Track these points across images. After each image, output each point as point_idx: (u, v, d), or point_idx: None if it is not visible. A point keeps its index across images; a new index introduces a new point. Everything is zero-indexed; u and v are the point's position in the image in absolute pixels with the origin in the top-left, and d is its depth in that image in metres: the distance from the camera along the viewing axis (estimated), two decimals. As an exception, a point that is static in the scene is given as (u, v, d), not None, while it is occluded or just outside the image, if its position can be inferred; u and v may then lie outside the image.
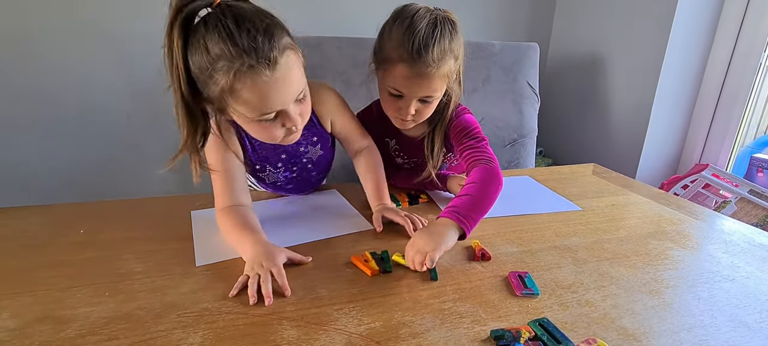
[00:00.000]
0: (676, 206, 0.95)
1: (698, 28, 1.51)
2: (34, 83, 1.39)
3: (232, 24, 0.57)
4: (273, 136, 0.68)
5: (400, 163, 0.98)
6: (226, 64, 0.57)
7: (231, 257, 0.67)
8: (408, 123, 0.82)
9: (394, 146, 0.93)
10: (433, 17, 0.73)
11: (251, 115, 0.63)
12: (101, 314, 0.53)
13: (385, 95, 0.80)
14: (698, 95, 1.61)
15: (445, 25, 0.73)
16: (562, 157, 1.97)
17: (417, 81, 0.74)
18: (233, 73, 0.58)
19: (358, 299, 0.58)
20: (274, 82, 0.60)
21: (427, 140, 0.88)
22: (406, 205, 0.89)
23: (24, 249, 0.68)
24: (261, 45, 0.57)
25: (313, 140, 0.83)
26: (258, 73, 0.58)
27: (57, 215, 0.80)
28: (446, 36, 0.73)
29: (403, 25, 0.72)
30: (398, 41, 0.72)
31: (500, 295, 0.60)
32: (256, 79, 0.59)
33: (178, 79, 0.61)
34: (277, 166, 0.83)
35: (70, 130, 1.47)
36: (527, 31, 1.96)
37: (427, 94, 0.76)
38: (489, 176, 0.75)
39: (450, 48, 0.73)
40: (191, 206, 0.85)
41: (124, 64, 1.46)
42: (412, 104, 0.77)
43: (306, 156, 0.84)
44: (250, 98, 0.60)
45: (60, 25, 1.36)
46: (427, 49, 0.71)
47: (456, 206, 0.70)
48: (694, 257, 0.73)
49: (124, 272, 0.63)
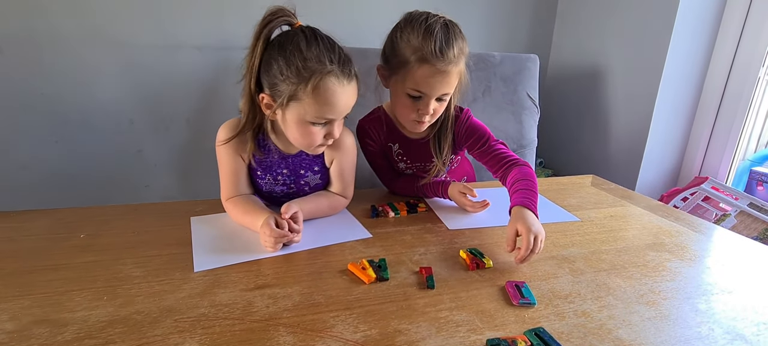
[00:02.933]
0: (674, 218, 0.95)
1: (697, 41, 1.52)
2: (37, 89, 1.40)
3: (324, 38, 0.71)
4: (313, 140, 0.75)
5: (402, 169, 0.98)
6: (318, 65, 0.68)
7: (230, 263, 0.67)
8: (424, 125, 0.85)
9: (397, 150, 0.94)
10: (443, 20, 0.78)
11: (311, 115, 0.71)
12: (99, 318, 0.54)
13: (402, 99, 0.82)
14: (698, 108, 1.61)
15: (454, 26, 0.79)
16: (562, 169, 1.98)
17: (439, 79, 0.78)
18: (323, 74, 0.68)
19: (355, 307, 0.58)
20: (344, 93, 0.71)
21: (434, 141, 0.92)
22: (404, 214, 0.89)
23: (24, 252, 0.69)
24: (347, 61, 0.71)
25: (314, 169, 0.87)
26: (341, 80, 0.70)
27: (58, 219, 0.81)
28: (460, 35, 0.79)
29: (421, 28, 0.77)
30: (417, 44, 0.76)
31: (497, 304, 0.60)
32: (336, 85, 0.70)
33: (250, 74, 0.72)
34: (276, 178, 0.85)
35: (73, 135, 1.48)
36: (528, 42, 1.98)
37: (446, 91, 0.80)
38: (533, 174, 0.84)
39: (463, 47, 0.79)
40: (191, 212, 0.85)
41: (127, 70, 1.48)
42: (431, 103, 0.80)
43: (304, 179, 0.87)
44: (324, 99, 0.70)
45: (65, 31, 1.38)
46: (448, 47, 0.76)
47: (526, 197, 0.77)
48: (693, 269, 0.73)
49: (123, 276, 0.63)
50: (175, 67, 1.52)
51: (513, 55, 1.56)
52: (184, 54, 1.52)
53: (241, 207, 0.80)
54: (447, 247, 0.76)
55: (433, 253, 0.74)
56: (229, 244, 0.74)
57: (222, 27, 1.53)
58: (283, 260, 0.70)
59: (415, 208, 0.91)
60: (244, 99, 0.76)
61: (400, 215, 0.89)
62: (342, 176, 0.87)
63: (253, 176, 0.85)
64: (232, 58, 1.57)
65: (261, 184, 0.86)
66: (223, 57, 1.56)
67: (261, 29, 0.71)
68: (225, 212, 0.83)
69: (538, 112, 1.59)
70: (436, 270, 0.68)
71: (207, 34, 1.52)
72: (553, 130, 1.99)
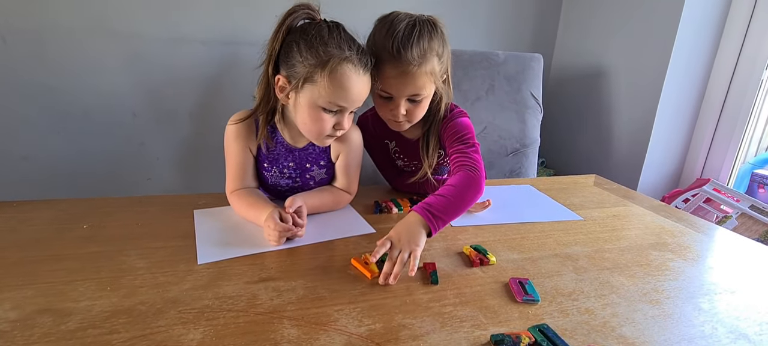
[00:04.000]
0: (677, 218, 0.95)
1: (701, 43, 1.52)
2: (40, 80, 1.40)
3: (346, 31, 0.73)
4: (323, 128, 0.75)
5: (401, 166, 0.98)
6: (337, 50, 0.69)
7: (233, 256, 0.67)
8: (402, 124, 0.84)
9: (394, 148, 0.94)
10: (413, 20, 0.76)
11: (324, 100, 0.71)
12: (102, 308, 0.54)
13: (377, 98, 0.82)
14: (700, 110, 1.61)
15: (425, 26, 0.76)
16: (564, 169, 1.98)
17: (402, 80, 0.76)
18: (341, 59, 0.69)
19: (359, 301, 0.58)
20: (359, 82, 0.72)
21: (422, 141, 0.90)
22: (408, 209, 0.89)
23: (28, 242, 0.69)
24: (365, 54, 0.73)
25: (320, 163, 0.87)
26: (357, 69, 0.71)
27: (62, 209, 0.81)
28: (425, 35, 0.75)
29: (384, 28, 0.76)
30: (381, 44, 0.75)
31: (501, 300, 0.60)
32: (352, 72, 0.71)
33: (269, 58, 0.74)
34: (282, 171, 0.86)
35: (75, 127, 1.47)
36: (532, 42, 1.97)
37: (414, 92, 0.78)
38: (468, 182, 0.75)
39: (430, 47, 0.76)
40: (194, 205, 0.85)
41: (131, 62, 1.47)
42: (401, 104, 0.79)
43: (310, 173, 0.87)
44: (339, 83, 0.70)
45: (67, 23, 1.37)
46: (406, 48, 0.73)
47: (429, 204, 0.72)
48: (695, 269, 0.73)
49: (126, 267, 0.63)
50: (180, 61, 1.52)
51: (517, 54, 1.56)
52: (189, 48, 1.51)
53: (245, 200, 0.80)
54: (450, 243, 0.76)
55: (436, 249, 0.74)
56: (232, 237, 0.74)
57: (228, 22, 1.53)
58: (287, 253, 0.70)
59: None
60: (260, 85, 0.77)
61: (404, 211, 0.89)
62: (347, 171, 0.87)
63: (259, 169, 0.86)
64: (237, 53, 1.57)
65: (267, 176, 0.86)
66: (229, 52, 1.56)
67: (285, 17, 0.72)
68: (228, 205, 0.83)
69: (542, 112, 1.59)
70: (439, 266, 0.68)
71: (212, 28, 1.52)
72: (556, 130, 1.99)
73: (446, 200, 0.72)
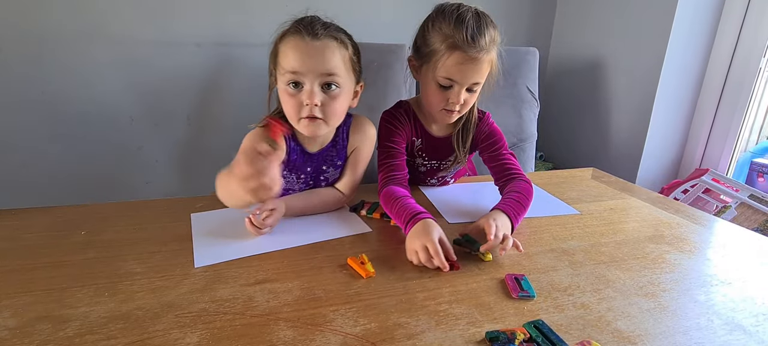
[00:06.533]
0: (674, 210, 0.95)
1: (698, 33, 1.51)
2: (37, 85, 1.40)
3: (310, 17, 0.75)
4: (294, 108, 0.74)
5: (419, 163, 0.98)
6: (283, 30, 0.74)
7: (230, 258, 0.68)
8: (454, 114, 0.85)
9: (418, 146, 0.95)
10: (475, 10, 0.80)
11: (283, 78, 0.73)
12: (100, 314, 0.54)
13: (433, 87, 0.82)
14: (698, 100, 1.61)
15: (486, 16, 0.80)
16: (563, 162, 1.97)
17: (470, 66, 0.78)
18: (283, 33, 0.73)
19: (354, 301, 0.58)
20: (305, 47, 0.71)
21: (458, 136, 0.93)
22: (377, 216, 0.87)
23: (25, 250, 0.69)
24: (312, 25, 0.73)
25: (337, 164, 0.87)
26: (300, 35, 0.72)
27: (59, 216, 0.81)
28: (491, 24, 0.80)
29: (452, 17, 0.78)
30: (449, 32, 0.77)
31: (496, 297, 0.60)
32: (296, 40, 0.72)
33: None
34: (300, 176, 0.86)
35: (72, 133, 1.48)
36: (527, 35, 1.97)
37: (476, 80, 0.81)
38: (530, 192, 0.84)
39: (495, 35, 0.80)
40: (191, 209, 0.85)
41: (127, 66, 1.47)
42: (461, 92, 0.80)
43: (325, 174, 0.88)
44: (286, 54, 0.72)
45: (64, 28, 1.38)
46: (480, 35, 0.77)
47: (508, 205, 0.78)
48: (692, 261, 0.73)
49: (123, 272, 0.63)
50: (175, 63, 1.52)
51: (512, 49, 1.55)
52: (184, 50, 1.51)
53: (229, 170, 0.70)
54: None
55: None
56: (229, 240, 0.74)
57: (222, 24, 1.53)
58: (282, 255, 0.70)
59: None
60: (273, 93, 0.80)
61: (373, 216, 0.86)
62: (355, 167, 0.88)
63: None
64: (232, 55, 1.57)
65: (284, 182, 0.86)
66: (223, 53, 1.56)
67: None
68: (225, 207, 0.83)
69: (538, 106, 1.58)
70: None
71: (207, 30, 1.52)
72: (554, 124, 1.99)
73: (519, 205, 0.80)
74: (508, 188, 0.86)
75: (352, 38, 0.79)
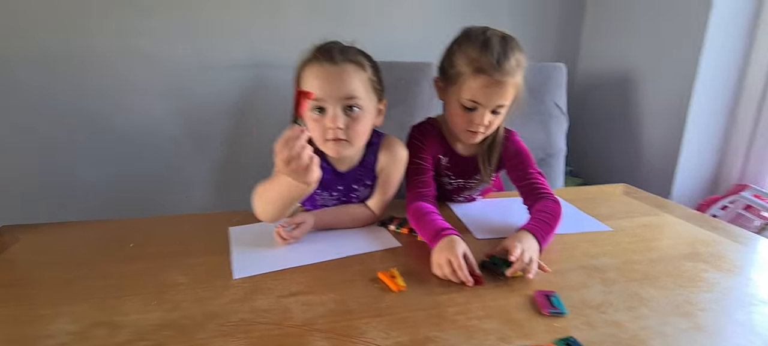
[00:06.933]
0: (711, 227, 0.92)
1: (733, 41, 1.47)
2: (85, 108, 1.51)
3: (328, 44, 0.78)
4: (320, 132, 0.77)
5: (445, 182, 1.00)
6: (304, 58, 0.77)
7: (266, 271, 0.71)
8: (479, 135, 0.86)
9: (445, 164, 0.96)
10: (501, 34, 0.81)
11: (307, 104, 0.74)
12: (150, 322, 0.58)
13: (457, 109, 0.84)
14: (736, 111, 1.55)
15: (513, 39, 0.82)
16: (593, 177, 1.94)
17: (495, 89, 0.80)
18: (304, 62, 0.77)
19: (386, 314, 0.60)
20: (324, 73, 0.75)
21: (484, 155, 0.94)
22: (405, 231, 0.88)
23: (81, 260, 0.75)
24: (330, 51, 0.76)
25: (367, 183, 0.90)
26: (319, 62, 0.75)
27: (110, 229, 0.87)
28: (517, 48, 0.81)
29: (478, 40, 0.80)
30: (474, 56, 0.79)
31: (526, 313, 0.61)
32: (316, 67, 0.75)
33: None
34: (332, 194, 0.89)
35: (118, 152, 1.58)
36: (555, 50, 1.96)
37: (501, 103, 0.82)
38: (559, 212, 0.83)
39: (520, 59, 0.81)
40: (229, 222, 0.90)
41: (167, 88, 1.57)
42: (486, 115, 0.82)
43: (356, 192, 0.90)
44: (308, 81, 0.75)
45: (113, 54, 1.49)
46: (506, 59, 0.78)
47: (536, 226, 0.78)
48: (731, 280, 0.71)
49: (169, 282, 0.67)
50: (211, 86, 1.61)
51: (539, 65, 1.56)
52: (219, 73, 1.60)
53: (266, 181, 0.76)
54: (475, 256, 0.77)
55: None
56: (265, 252, 0.77)
57: (253, 46, 1.61)
58: (315, 268, 0.73)
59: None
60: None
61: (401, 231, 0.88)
62: (385, 187, 0.89)
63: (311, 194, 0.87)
64: (263, 75, 1.64)
65: (316, 199, 0.90)
66: (255, 74, 1.64)
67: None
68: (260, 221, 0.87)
69: (567, 121, 1.57)
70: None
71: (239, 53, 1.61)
72: (584, 139, 1.96)
73: (548, 226, 0.79)
74: (536, 207, 0.85)
75: (370, 58, 0.81)
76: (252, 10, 1.57)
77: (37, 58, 1.43)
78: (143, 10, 1.48)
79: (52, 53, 1.44)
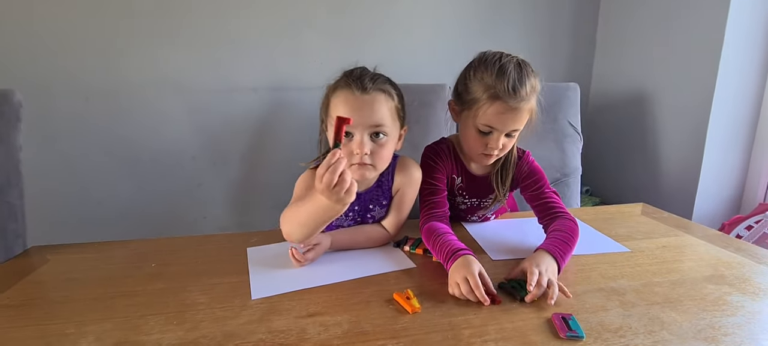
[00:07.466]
0: (735, 248, 0.90)
1: (751, 55, 1.45)
2: (115, 132, 1.58)
3: (359, 70, 0.81)
4: (345, 155, 0.76)
5: (459, 202, 1.00)
6: (335, 83, 0.80)
7: (283, 291, 0.72)
8: (493, 158, 0.88)
9: (459, 184, 0.97)
10: (516, 60, 0.83)
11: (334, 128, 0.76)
12: (171, 341, 0.59)
13: (473, 133, 0.85)
14: (757, 129, 1.52)
15: (527, 65, 0.83)
16: (610, 197, 1.91)
17: (510, 115, 0.81)
18: (334, 87, 0.80)
19: (401, 335, 0.60)
20: (355, 101, 0.77)
21: (497, 176, 0.95)
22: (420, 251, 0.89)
23: (106, 279, 0.77)
24: (361, 79, 0.78)
25: (383, 203, 0.91)
26: (350, 89, 0.78)
27: (133, 249, 0.90)
28: (532, 73, 0.83)
29: (494, 67, 0.81)
30: (490, 82, 0.80)
31: (543, 336, 0.60)
32: (347, 94, 0.78)
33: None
34: (347, 214, 0.90)
35: (142, 172, 1.64)
36: (568, 70, 1.97)
37: (515, 127, 0.83)
38: (576, 231, 0.83)
39: (535, 84, 0.82)
40: (247, 243, 0.91)
41: (191, 112, 1.64)
42: (501, 138, 0.83)
43: (371, 213, 0.92)
44: (337, 107, 0.78)
45: (139, 81, 1.57)
46: (521, 86, 0.79)
47: (554, 246, 0.78)
48: (757, 304, 0.69)
49: (189, 302, 0.69)
50: (233, 108, 1.67)
51: (552, 85, 1.56)
52: (241, 95, 1.66)
53: (295, 204, 0.79)
54: (491, 277, 0.76)
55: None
56: (282, 273, 0.79)
57: (276, 70, 1.67)
58: (331, 289, 0.74)
59: (458, 239, 0.93)
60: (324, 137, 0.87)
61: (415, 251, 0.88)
62: (400, 207, 0.91)
63: None
64: (283, 98, 1.69)
65: (333, 221, 0.90)
66: (276, 97, 1.69)
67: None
68: (277, 242, 0.89)
69: (581, 140, 1.56)
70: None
71: (261, 76, 1.66)
72: (599, 158, 1.94)
73: (566, 245, 0.79)
74: (552, 226, 0.85)
75: (397, 87, 0.84)
76: (273, 34, 1.64)
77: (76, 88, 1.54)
78: (177, 44, 1.57)
79: (93, 87, 1.54)
